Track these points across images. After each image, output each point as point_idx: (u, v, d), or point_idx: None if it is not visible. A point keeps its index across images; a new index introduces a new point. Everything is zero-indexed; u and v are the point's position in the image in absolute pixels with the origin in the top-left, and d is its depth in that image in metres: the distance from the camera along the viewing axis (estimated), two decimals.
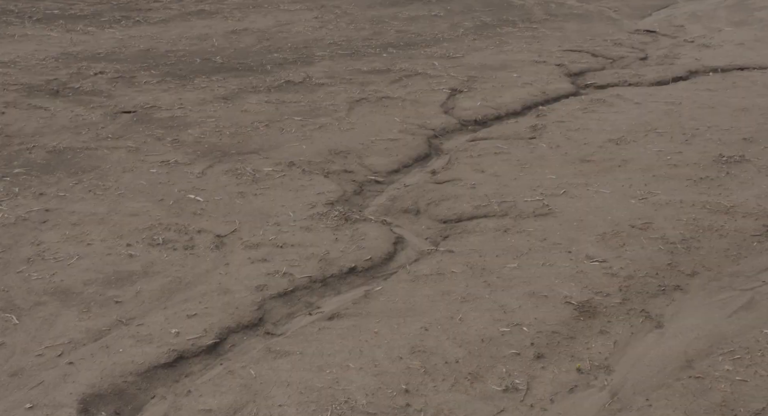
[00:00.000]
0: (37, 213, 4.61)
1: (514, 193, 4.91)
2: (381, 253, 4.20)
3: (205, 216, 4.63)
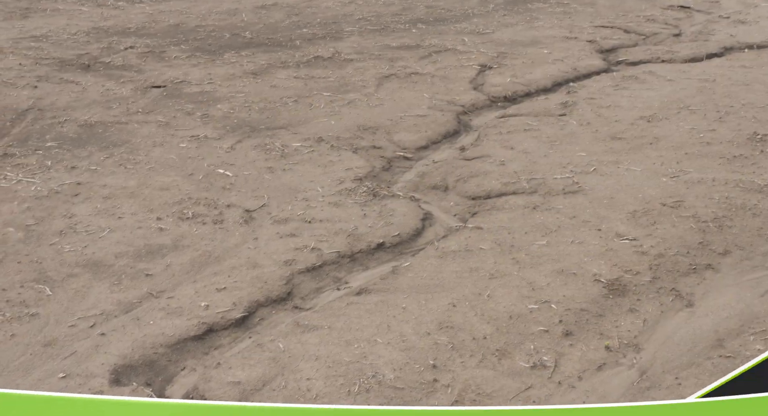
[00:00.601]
0: (69, 187, 4.66)
1: (543, 170, 4.88)
2: (409, 229, 4.19)
3: (234, 190, 4.65)
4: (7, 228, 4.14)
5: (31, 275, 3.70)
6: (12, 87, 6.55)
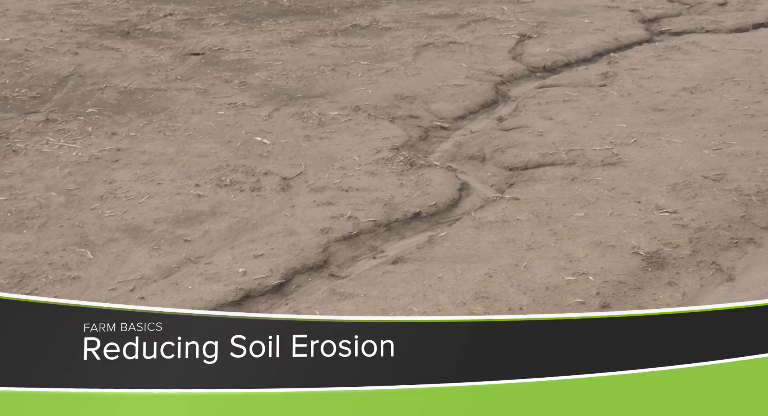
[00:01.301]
0: (110, 153, 4.71)
1: (582, 142, 4.82)
2: (446, 199, 4.18)
3: (272, 158, 4.67)
4: (49, 193, 4.20)
5: (72, 239, 3.76)
6: (53, 53, 6.62)
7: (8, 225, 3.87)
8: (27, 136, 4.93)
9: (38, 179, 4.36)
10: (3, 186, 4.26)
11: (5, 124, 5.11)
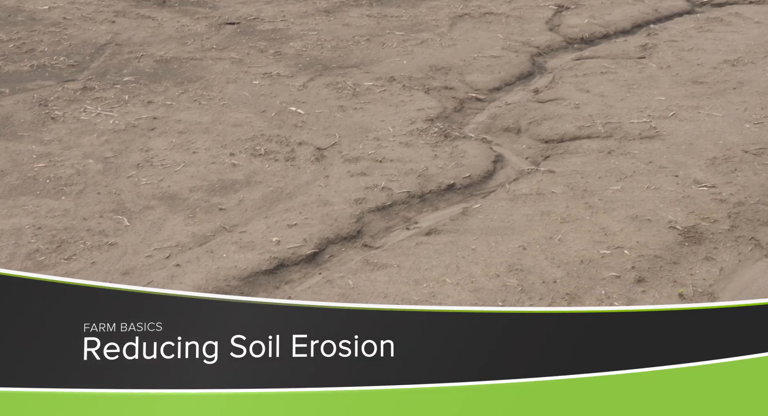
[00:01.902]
0: (146, 121, 4.74)
1: (619, 114, 4.76)
2: (480, 171, 4.16)
3: (306, 128, 4.67)
4: (87, 160, 4.25)
5: (109, 206, 3.80)
6: (91, 22, 6.65)
7: (47, 191, 3.93)
8: (65, 103, 4.98)
9: (76, 146, 4.41)
10: (42, 153, 4.32)
11: (44, 92, 5.16)
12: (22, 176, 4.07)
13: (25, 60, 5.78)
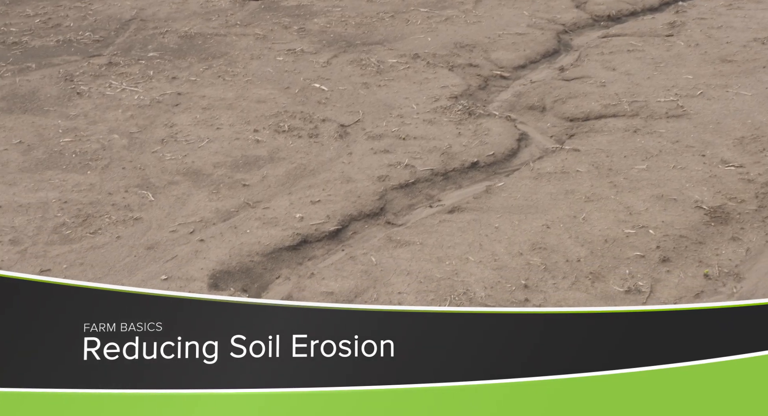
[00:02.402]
0: (170, 97, 4.76)
1: (646, 93, 4.71)
2: (504, 149, 4.14)
3: (330, 105, 4.66)
4: (112, 135, 4.27)
5: (134, 181, 3.83)
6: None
7: (73, 165, 3.96)
8: (90, 78, 5.01)
9: (101, 121, 4.43)
10: (68, 127, 4.35)
11: (70, 67, 5.19)
12: (49, 150, 4.10)
13: (51, 35, 5.81)
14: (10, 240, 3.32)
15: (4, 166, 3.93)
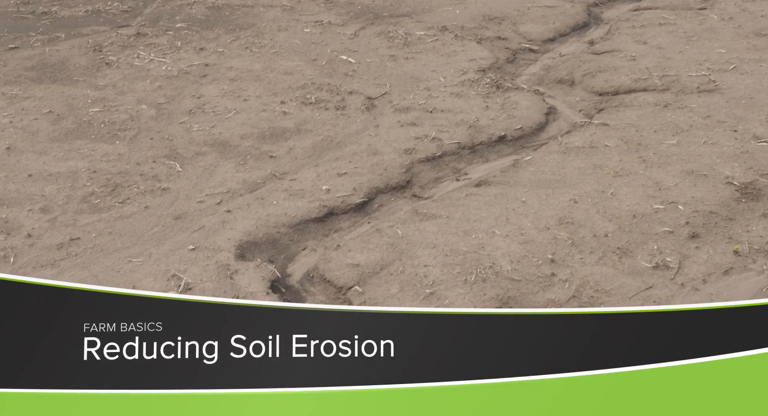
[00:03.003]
0: (198, 68, 4.76)
1: (677, 67, 4.64)
2: (532, 123, 4.10)
3: (357, 77, 4.65)
4: (140, 106, 4.29)
5: (162, 151, 3.85)
6: None
7: (102, 135, 3.99)
8: (119, 49, 5.02)
9: (130, 92, 4.45)
10: (97, 97, 4.37)
11: (99, 37, 5.20)
12: (78, 120, 4.13)
13: (80, 5, 5.82)
14: (40, 209, 3.36)
15: (34, 135, 3.97)
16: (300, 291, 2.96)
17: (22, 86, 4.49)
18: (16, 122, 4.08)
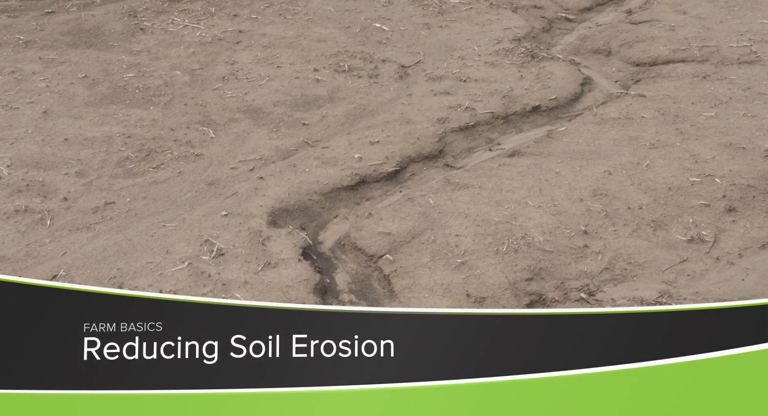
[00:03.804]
0: (231, 34, 4.75)
1: (717, 38, 4.54)
2: (567, 93, 4.05)
3: (390, 46, 4.61)
4: (174, 72, 4.30)
5: (196, 117, 3.86)
6: None
7: (136, 101, 4.01)
8: (153, 14, 5.02)
9: (164, 57, 4.46)
10: (132, 63, 4.39)
11: (133, 2, 5.21)
12: (113, 85, 4.15)
13: None
14: (76, 173, 3.40)
15: (70, 99, 4.00)
16: (331, 258, 2.97)
17: (58, 51, 4.52)
18: (53, 86, 4.11)
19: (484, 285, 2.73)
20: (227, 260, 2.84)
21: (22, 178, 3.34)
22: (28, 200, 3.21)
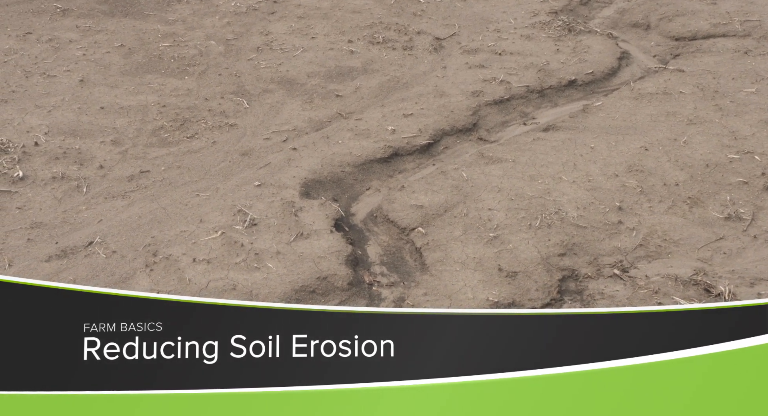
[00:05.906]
0: (266, 4, 4.74)
1: (761, 12, 4.44)
2: (604, 68, 4.00)
3: (425, 17, 4.57)
4: (209, 42, 4.31)
5: (230, 87, 3.87)
6: None
7: (171, 70, 4.02)
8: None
9: (199, 27, 4.46)
10: (167, 32, 4.40)
11: None
12: (148, 55, 4.17)
13: None
14: (112, 141, 3.43)
15: (106, 68, 4.02)
16: (363, 230, 2.98)
17: (94, 19, 4.54)
18: (89, 55, 4.14)
19: (516, 260, 2.72)
20: (260, 230, 2.85)
21: (59, 145, 3.38)
22: (65, 167, 3.24)
